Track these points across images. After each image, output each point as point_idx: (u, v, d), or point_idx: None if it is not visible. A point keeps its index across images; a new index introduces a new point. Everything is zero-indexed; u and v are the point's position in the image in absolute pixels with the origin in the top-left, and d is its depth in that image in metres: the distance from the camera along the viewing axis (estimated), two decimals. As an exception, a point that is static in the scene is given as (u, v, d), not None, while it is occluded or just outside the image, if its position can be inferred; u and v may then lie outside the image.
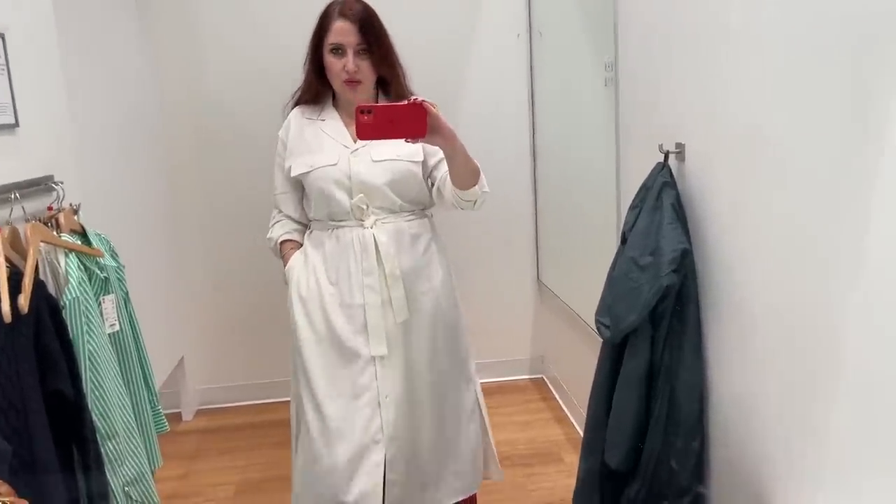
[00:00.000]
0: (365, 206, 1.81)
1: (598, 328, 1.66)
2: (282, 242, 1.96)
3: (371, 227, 1.81)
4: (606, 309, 1.64)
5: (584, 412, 2.19)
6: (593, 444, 1.70)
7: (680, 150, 1.61)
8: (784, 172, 1.24)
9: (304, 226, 1.99)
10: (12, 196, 1.41)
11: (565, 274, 2.94)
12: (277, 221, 2.00)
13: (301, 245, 1.95)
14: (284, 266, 1.93)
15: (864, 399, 1.07)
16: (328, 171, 1.81)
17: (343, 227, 1.83)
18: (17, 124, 1.51)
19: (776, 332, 1.30)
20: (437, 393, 1.89)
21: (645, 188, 1.64)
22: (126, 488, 1.62)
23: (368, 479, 1.79)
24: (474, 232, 3.21)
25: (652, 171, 1.64)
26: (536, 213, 3.26)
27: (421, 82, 1.91)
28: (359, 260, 1.81)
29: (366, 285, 1.80)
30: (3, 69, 1.46)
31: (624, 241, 1.66)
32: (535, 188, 3.23)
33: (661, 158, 1.64)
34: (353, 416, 1.80)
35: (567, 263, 2.90)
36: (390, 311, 1.81)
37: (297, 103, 1.94)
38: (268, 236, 2.00)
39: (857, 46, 1.03)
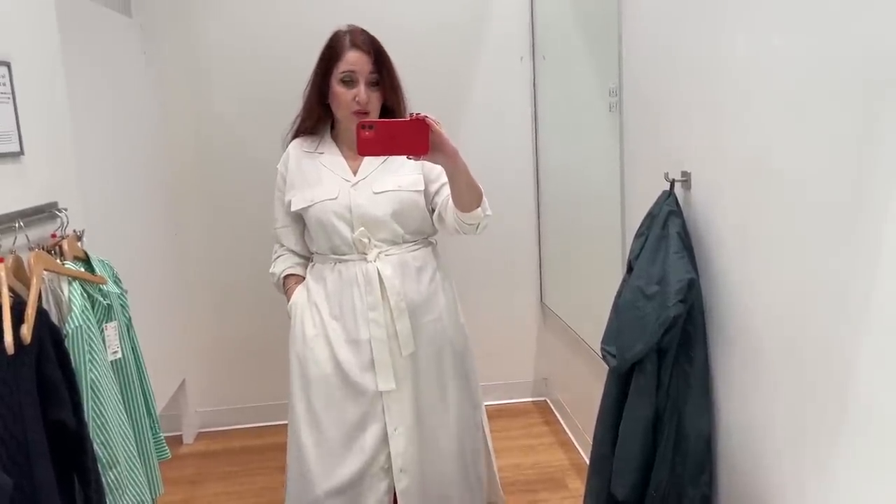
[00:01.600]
0: (367, 240, 1.79)
1: (603, 357, 1.65)
2: (285, 277, 1.95)
3: (374, 261, 1.79)
4: (612, 337, 1.63)
5: (588, 437, 2.16)
6: (599, 473, 1.69)
7: (686, 179, 1.61)
8: (791, 201, 1.23)
9: (307, 259, 1.97)
10: (16, 225, 1.40)
11: (569, 297, 2.93)
12: (279, 256, 1.98)
13: (302, 279, 1.94)
14: (288, 301, 1.92)
15: (874, 433, 1.06)
16: (328, 206, 1.79)
17: (346, 260, 1.81)
18: (21, 152, 1.50)
19: (784, 364, 1.29)
20: (447, 421, 1.87)
21: (651, 216, 1.64)
22: (127, 518, 1.60)
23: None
24: (478, 254, 3.20)
25: (658, 199, 1.64)
26: (540, 237, 3.25)
27: (424, 104, 1.90)
28: (363, 294, 1.79)
29: (371, 320, 1.78)
30: (8, 98, 1.46)
31: (630, 269, 1.65)
32: (539, 211, 3.23)
33: (666, 186, 1.63)
34: (358, 447, 1.78)
35: (571, 287, 2.89)
36: (396, 345, 1.79)
37: (297, 132, 1.91)
38: (271, 271, 1.98)
39: (865, 75, 1.03)
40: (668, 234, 1.55)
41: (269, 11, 2.96)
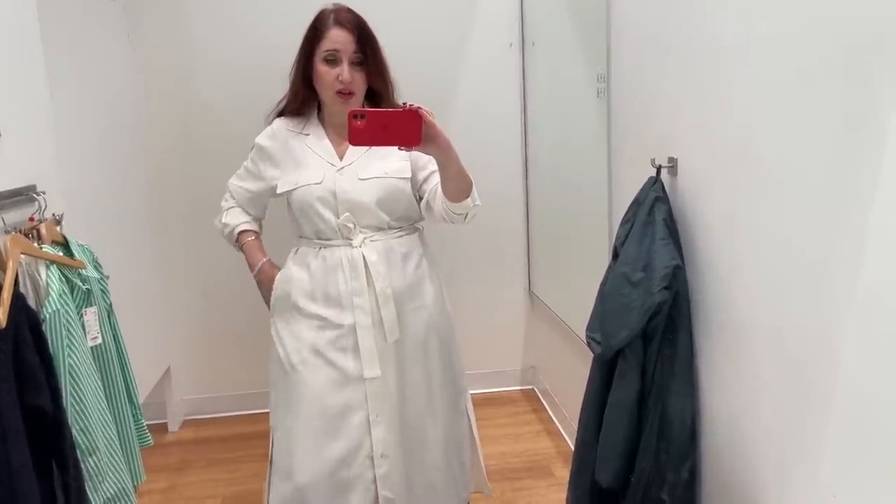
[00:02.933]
0: (352, 225, 1.77)
1: (588, 343, 1.64)
2: (240, 232, 1.93)
3: (360, 246, 1.77)
4: (598, 324, 1.62)
5: (575, 425, 2.16)
6: (584, 460, 1.68)
7: (672, 165, 1.60)
8: (778, 188, 1.23)
9: (258, 222, 1.99)
10: (-8, 207, 1.38)
11: (557, 285, 2.93)
12: (231, 208, 1.96)
13: (257, 235, 1.96)
14: (251, 261, 1.93)
15: (857, 419, 1.06)
16: (312, 190, 1.77)
17: (331, 246, 1.80)
18: (-1, 133, 1.47)
19: (769, 350, 1.29)
20: (432, 409, 1.86)
21: (637, 203, 1.63)
22: (107, 505, 1.59)
23: (363, 498, 1.77)
24: (466, 242, 3.19)
25: (644, 185, 1.63)
26: (528, 224, 3.24)
27: (412, 90, 1.88)
28: (348, 279, 1.77)
29: (356, 306, 1.76)
30: (-16, 77, 1.43)
31: (615, 256, 1.64)
32: (527, 199, 3.21)
33: (653, 172, 1.62)
34: (342, 434, 1.77)
35: (559, 275, 2.89)
36: (381, 331, 1.77)
37: (280, 113, 1.89)
38: (223, 221, 1.95)
39: (849, 61, 1.02)
40: (653, 220, 1.54)
41: (256, -5, 2.93)
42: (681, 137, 1.59)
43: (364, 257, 1.76)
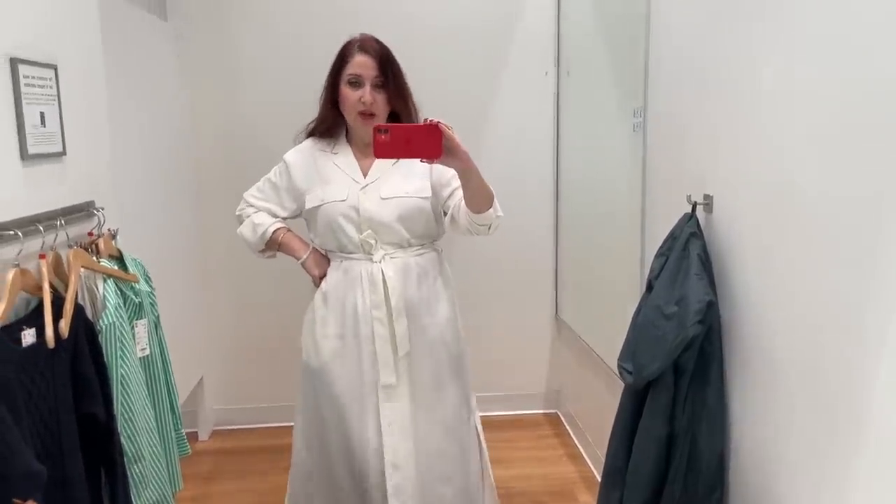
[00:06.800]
0: (374, 241, 1.86)
1: (620, 373, 1.68)
2: (275, 230, 1.98)
3: (380, 262, 1.86)
4: (630, 355, 1.65)
5: (598, 451, 2.18)
6: (612, 487, 1.71)
7: (708, 202, 1.63)
8: (814, 229, 1.26)
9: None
10: (58, 223, 1.45)
11: (584, 312, 2.96)
12: (257, 212, 2.02)
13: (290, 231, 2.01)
14: (297, 254, 1.97)
15: (888, 456, 1.08)
16: (338, 207, 1.87)
17: (352, 259, 1.89)
18: (64, 152, 1.55)
19: (801, 386, 1.31)
20: (442, 424, 1.93)
21: (672, 237, 1.66)
22: (149, 511, 1.64)
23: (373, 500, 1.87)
24: (494, 265, 3.24)
25: (679, 220, 1.67)
26: (557, 251, 3.28)
27: (448, 114, 1.94)
28: (366, 293, 1.86)
29: (375, 318, 1.85)
30: (54, 100, 1.51)
31: (650, 288, 1.68)
32: (557, 225, 3.26)
33: (688, 209, 1.66)
34: (358, 439, 1.87)
35: (587, 302, 2.92)
36: (395, 344, 1.86)
37: (309, 133, 1.99)
38: (255, 222, 1.99)
39: (891, 107, 1.05)
40: (688, 255, 1.58)
41: (301, 17, 3.02)
42: (717, 175, 1.62)
43: (382, 272, 1.84)
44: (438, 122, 1.57)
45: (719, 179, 1.62)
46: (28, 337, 1.30)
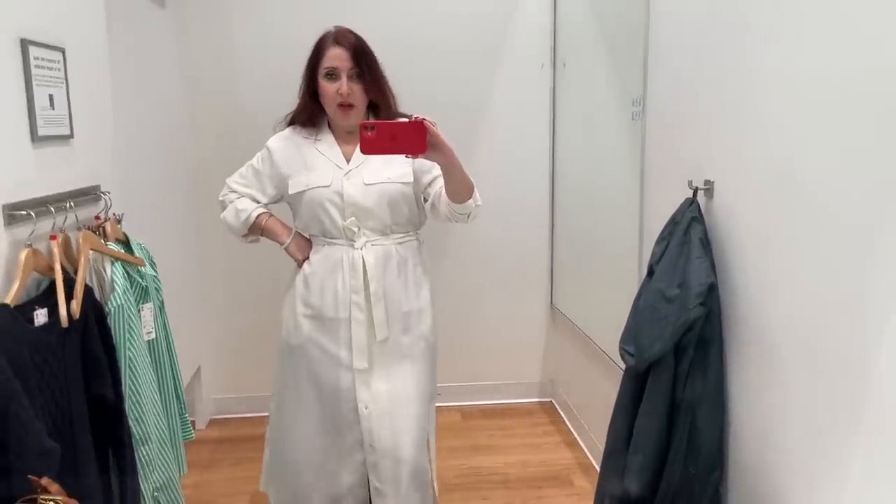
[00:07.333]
0: (356, 228, 1.89)
1: (622, 355, 1.70)
2: (258, 215, 1.99)
3: (361, 248, 1.89)
4: (631, 337, 1.68)
5: (594, 437, 2.20)
6: (612, 469, 1.74)
7: (709, 187, 1.66)
8: (814, 212, 1.28)
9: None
10: (67, 205, 1.46)
11: (580, 300, 2.99)
12: (240, 197, 2.02)
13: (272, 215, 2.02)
14: (280, 239, 1.98)
15: (887, 436, 1.11)
16: (322, 192, 1.89)
17: (334, 244, 1.92)
18: (71, 135, 1.56)
19: (799, 368, 1.34)
20: (415, 409, 1.96)
21: (673, 222, 1.69)
22: (156, 493, 1.66)
23: (354, 474, 1.94)
24: (490, 255, 3.27)
25: (681, 206, 1.69)
26: (553, 240, 3.31)
27: (443, 107, 1.97)
28: (346, 278, 1.90)
29: (353, 302, 1.89)
30: (62, 83, 1.52)
31: (650, 273, 1.70)
32: (553, 215, 3.28)
33: (689, 194, 1.69)
34: (336, 419, 1.92)
35: (583, 290, 2.95)
36: (372, 329, 1.90)
37: (289, 123, 2.01)
38: (238, 208, 2.00)
39: (891, 90, 1.08)
40: (690, 239, 1.61)
41: (299, 4, 3.02)
42: (718, 160, 1.65)
43: (363, 259, 1.88)
44: (423, 119, 1.61)
45: (720, 165, 1.64)
46: (41, 317, 1.31)
